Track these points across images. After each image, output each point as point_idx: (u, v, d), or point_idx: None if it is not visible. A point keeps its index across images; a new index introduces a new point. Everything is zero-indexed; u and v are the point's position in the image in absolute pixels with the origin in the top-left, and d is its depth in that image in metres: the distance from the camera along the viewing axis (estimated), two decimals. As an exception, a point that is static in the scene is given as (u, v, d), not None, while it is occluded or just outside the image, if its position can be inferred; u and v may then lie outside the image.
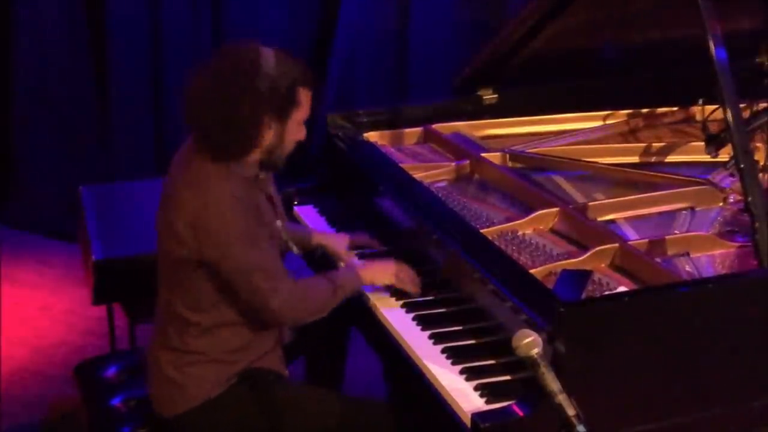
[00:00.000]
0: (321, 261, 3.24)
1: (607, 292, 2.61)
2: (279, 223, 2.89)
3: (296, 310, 2.78)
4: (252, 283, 2.69)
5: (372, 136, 3.60)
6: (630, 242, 2.80)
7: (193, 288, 2.73)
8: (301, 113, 2.75)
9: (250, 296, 2.71)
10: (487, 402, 2.42)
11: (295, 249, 3.05)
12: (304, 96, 2.74)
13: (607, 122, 3.66)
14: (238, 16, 5.57)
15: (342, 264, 3.14)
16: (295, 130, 2.76)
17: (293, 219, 3.47)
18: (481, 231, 2.90)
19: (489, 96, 3.72)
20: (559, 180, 3.28)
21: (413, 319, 2.80)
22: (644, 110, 3.66)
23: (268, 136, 2.71)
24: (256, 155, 2.74)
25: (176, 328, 2.79)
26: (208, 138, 2.69)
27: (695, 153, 3.29)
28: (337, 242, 3.20)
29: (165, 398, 2.82)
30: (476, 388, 2.47)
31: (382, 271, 2.91)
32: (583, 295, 2.55)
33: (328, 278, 2.86)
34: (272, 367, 2.87)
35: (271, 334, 2.87)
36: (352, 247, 3.19)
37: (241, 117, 2.65)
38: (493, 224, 2.99)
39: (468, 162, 3.38)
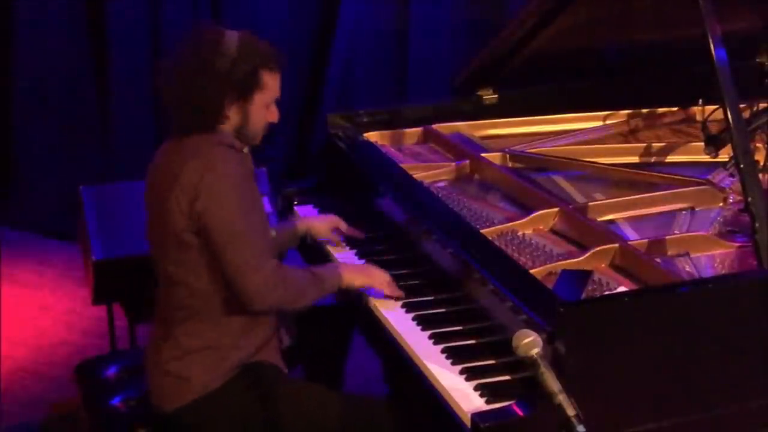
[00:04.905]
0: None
1: (607, 292, 2.61)
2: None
3: (274, 292, 2.75)
4: (237, 252, 2.69)
5: (372, 136, 3.60)
6: (630, 242, 2.80)
7: (190, 261, 2.74)
8: (266, 95, 2.79)
9: (232, 268, 2.70)
10: (487, 402, 2.42)
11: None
12: (270, 79, 2.78)
13: (607, 122, 3.66)
14: (238, 16, 5.58)
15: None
16: (263, 112, 2.81)
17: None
18: (481, 231, 2.89)
19: (489, 96, 3.73)
20: (559, 180, 3.28)
21: (413, 319, 2.80)
22: (644, 110, 3.67)
23: (233, 116, 2.77)
24: (226, 131, 2.78)
25: (176, 317, 2.79)
26: (171, 114, 2.77)
27: (695, 153, 3.29)
28: (320, 224, 3.23)
29: (165, 391, 2.81)
30: (476, 388, 2.47)
31: (360, 274, 2.92)
32: (583, 295, 2.55)
33: (311, 271, 2.88)
34: (272, 361, 2.87)
35: (267, 324, 2.86)
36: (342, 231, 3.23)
37: (199, 95, 2.71)
38: (493, 224, 2.99)
39: (468, 162, 3.38)
